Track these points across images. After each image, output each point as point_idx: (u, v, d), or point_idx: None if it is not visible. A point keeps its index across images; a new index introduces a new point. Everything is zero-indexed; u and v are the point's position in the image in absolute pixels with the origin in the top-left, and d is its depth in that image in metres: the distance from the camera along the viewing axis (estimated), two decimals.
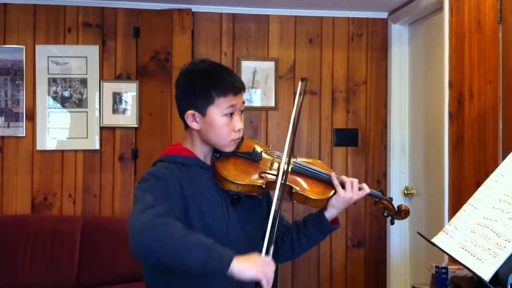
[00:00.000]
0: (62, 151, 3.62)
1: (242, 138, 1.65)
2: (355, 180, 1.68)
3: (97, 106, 3.63)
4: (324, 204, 1.67)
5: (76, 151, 3.63)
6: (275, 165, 1.65)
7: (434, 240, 1.78)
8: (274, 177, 1.61)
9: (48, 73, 3.59)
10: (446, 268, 2.19)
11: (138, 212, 1.38)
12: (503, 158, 2.03)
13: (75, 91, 3.62)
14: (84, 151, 3.63)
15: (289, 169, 1.61)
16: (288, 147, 1.61)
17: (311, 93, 3.87)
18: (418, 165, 3.65)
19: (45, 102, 3.58)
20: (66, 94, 3.61)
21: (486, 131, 2.55)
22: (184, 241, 1.33)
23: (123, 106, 3.66)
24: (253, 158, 1.64)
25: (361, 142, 3.92)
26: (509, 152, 1.84)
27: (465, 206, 1.80)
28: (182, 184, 1.53)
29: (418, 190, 3.63)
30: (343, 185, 1.68)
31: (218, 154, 1.62)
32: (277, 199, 1.52)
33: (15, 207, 3.56)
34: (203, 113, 1.57)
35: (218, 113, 1.56)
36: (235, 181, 1.56)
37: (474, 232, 1.67)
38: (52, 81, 3.60)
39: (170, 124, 3.56)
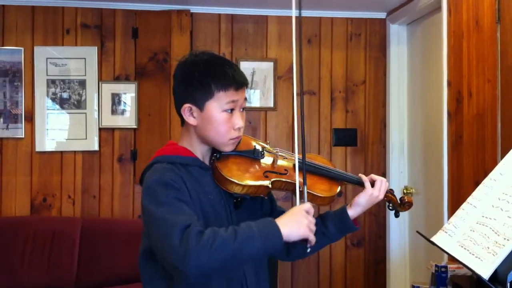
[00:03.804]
0: (61, 152, 3.62)
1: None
2: (385, 180, 1.66)
3: (96, 107, 3.63)
4: (330, 201, 1.58)
5: (75, 152, 3.63)
6: (279, 162, 1.55)
7: (433, 239, 1.78)
8: (280, 175, 1.52)
9: (47, 75, 3.59)
10: (445, 267, 2.19)
11: (177, 240, 1.27)
12: (502, 157, 2.03)
13: (74, 93, 3.62)
14: (83, 152, 3.63)
15: (298, 166, 1.48)
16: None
17: (310, 93, 3.87)
18: (417, 165, 3.65)
19: (44, 104, 3.58)
20: (65, 95, 3.61)
21: (484, 130, 2.55)
22: (236, 243, 1.29)
23: (122, 107, 3.66)
24: (256, 157, 1.53)
25: (360, 142, 3.92)
26: (508, 151, 1.84)
27: (464, 205, 1.80)
28: (187, 186, 1.42)
29: (417, 190, 3.63)
30: (372, 184, 1.63)
31: (217, 154, 1.50)
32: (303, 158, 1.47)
33: (14, 209, 3.56)
34: (201, 107, 1.45)
35: (218, 108, 1.44)
36: (240, 183, 1.45)
37: (473, 231, 1.67)
38: (51, 82, 3.60)
39: (169, 124, 3.56)
